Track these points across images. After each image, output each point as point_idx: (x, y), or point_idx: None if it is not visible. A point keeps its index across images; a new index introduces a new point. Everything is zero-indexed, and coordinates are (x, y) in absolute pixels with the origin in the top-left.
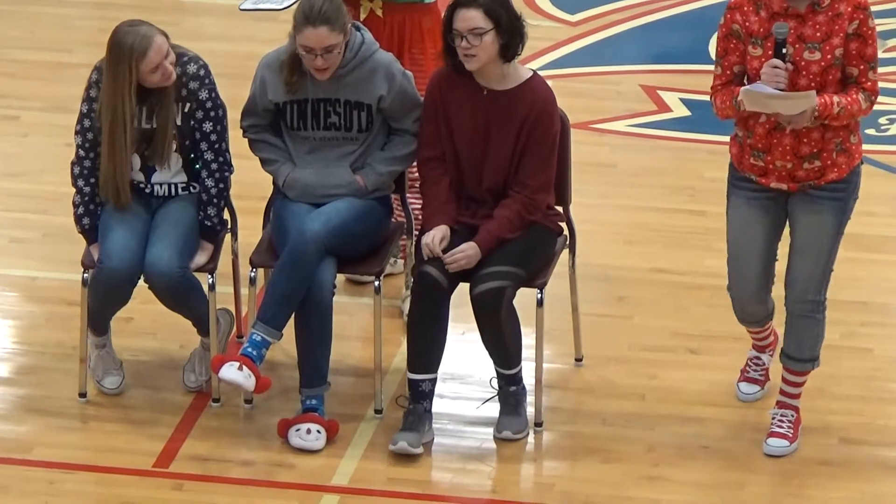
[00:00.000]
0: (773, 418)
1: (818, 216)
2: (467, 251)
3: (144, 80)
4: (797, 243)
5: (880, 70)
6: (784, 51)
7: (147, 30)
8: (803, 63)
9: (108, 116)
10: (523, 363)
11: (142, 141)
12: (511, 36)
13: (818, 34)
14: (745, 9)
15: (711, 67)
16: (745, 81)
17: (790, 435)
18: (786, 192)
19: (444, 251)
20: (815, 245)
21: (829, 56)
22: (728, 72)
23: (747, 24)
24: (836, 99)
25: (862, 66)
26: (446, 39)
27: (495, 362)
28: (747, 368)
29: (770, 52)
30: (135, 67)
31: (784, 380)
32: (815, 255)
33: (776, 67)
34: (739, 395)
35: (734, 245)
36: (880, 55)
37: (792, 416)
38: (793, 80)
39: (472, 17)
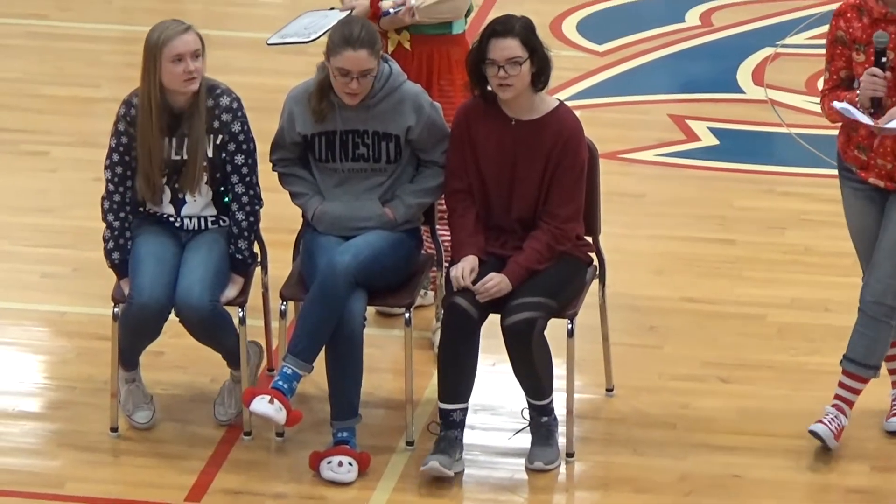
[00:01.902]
0: (827, 415)
1: None
2: (497, 279)
3: (168, 79)
4: (884, 243)
5: None
6: (884, 59)
7: (181, 24)
8: None
9: (142, 102)
10: (554, 394)
11: (172, 172)
12: (543, 66)
13: None
14: (849, 15)
15: (739, 96)
16: (855, 86)
17: (836, 433)
18: (884, 191)
19: (474, 283)
20: None
21: None
22: (835, 76)
23: (851, 30)
24: None
25: None
26: (477, 69)
27: (527, 393)
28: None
29: (871, 59)
30: (160, 55)
31: (843, 385)
32: None
33: (875, 76)
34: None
35: (855, 237)
36: None
37: (844, 420)
38: (893, 87)
39: (510, 47)
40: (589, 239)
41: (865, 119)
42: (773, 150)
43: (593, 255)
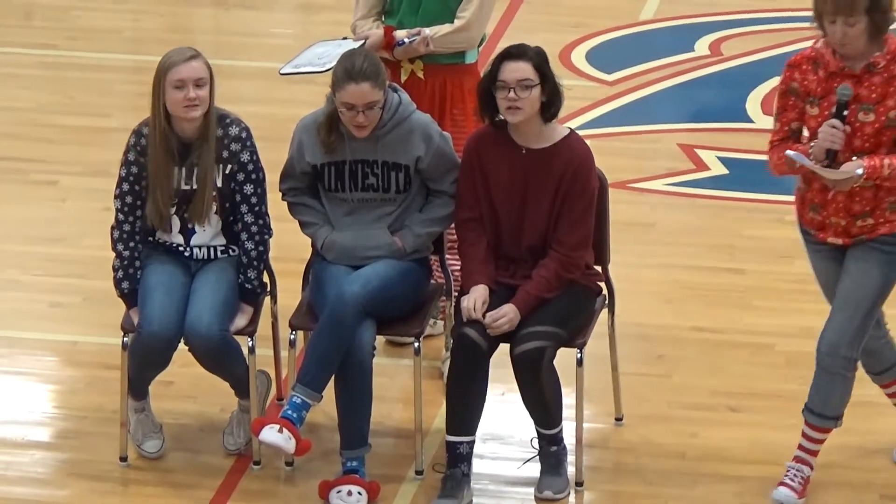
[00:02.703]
0: (788, 471)
1: (865, 265)
2: (508, 314)
3: (170, 105)
4: (840, 292)
5: None
6: (845, 112)
7: (190, 50)
8: (857, 124)
9: (151, 129)
10: (564, 423)
11: (181, 201)
12: (553, 95)
13: (873, 95)
14: (804, 67)
15: (748, 125)
16: (802, 140)
17: (800, 489)
18: (844, 246)
19: (484, 313)
20: (856, 297)
21: (882, 118)
22: (785, 128)
23: (805, 82)
24: (886, 161)
25: None
26: (487, 94)
27: (536, 422)
28: None
29: (827, 113)
30: (163, 79)
31: (804, 434)
32: (854, 307)
33: (834, 128)
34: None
35: (826, 295)
36: None
37: (807, 472)
38: (847, 141)
39: (522, 69)
40: (598, 268)
41: (818, 167)
42: (782, 180)
43: (602, 284)
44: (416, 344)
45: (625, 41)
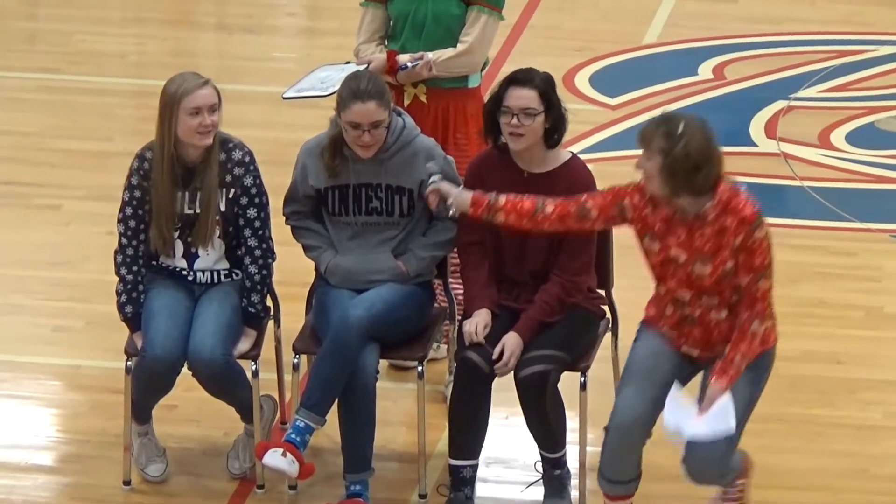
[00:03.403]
0: None
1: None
2: (512, 347)
3: (182, 131)
4: (654, 376)
5: None
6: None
7: (201, 78)
8: (695, 276)
9: (156, 154)
10: (567, 446)
11: (185, 226)
12: (558, 122)
13: (707, 246)
14: (639, 199)
15: (752, 149)
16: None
17: None
18: (697, 359)
19: (487, 337)
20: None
21: (719, 269)
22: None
23: (644, 214)
24: (736, 359)
25: (750, 276)
26: (492, 117)
27: (540, 446)
28: None
29: (666, 254)
30: (178, 106)
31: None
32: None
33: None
34: None
35: (634, 365)
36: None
37: None
38: (696, 289)
39: (526, 97)
40: (602, 292)
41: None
42: (785, 204)
43: (606, 307)
44: (420, 368)
45: (628, 65)
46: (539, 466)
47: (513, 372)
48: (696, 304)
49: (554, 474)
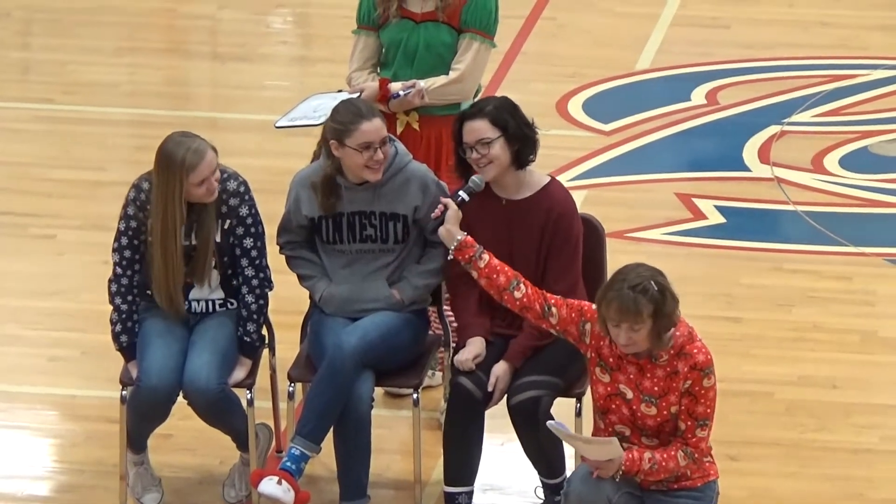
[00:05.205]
0: None
1: None
2: (501, 377)
3: (188, 194)
4: None
5: None
6: (465, 197)
7: (200, 143)
8: (640, 415)
9: (159, 226)
10: (566, 472)
11: (182, 258)
12: (521, 142)
13: (656, 388)
14: (601, 331)
15: (746, 174)
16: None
17: None
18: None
19: (481, 365)
20: None
21: (665, 412)
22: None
23: (600, 344)
24: (647, 455)
25: (690, 423)
26: (458, 154)
27: (538, 471)
28: None
29: (614, 386)
30: (185, 178)
31: None
32: None
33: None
34: None
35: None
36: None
37: None
38: (639, 429)
39: (478, 128)
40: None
41: (577, 434)
42: (779, 228)
43: None
44: (415, 395)
45: (621, 91)
46: (539, 492)
47: (506, 398)
48: (635, 443)
49: (554, 500)
